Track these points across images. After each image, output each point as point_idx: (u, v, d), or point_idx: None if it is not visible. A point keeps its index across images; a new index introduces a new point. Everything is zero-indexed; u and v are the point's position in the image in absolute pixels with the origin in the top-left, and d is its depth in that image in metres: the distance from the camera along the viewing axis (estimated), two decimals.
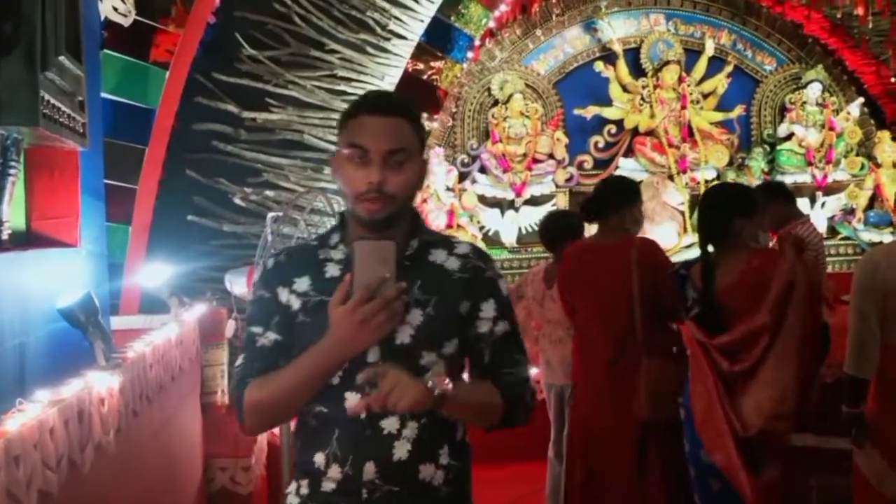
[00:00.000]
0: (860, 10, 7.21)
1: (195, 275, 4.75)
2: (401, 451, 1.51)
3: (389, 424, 1.50)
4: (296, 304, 1.57)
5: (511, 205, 7.48)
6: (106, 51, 4.10)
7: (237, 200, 5.17)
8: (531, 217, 7.44)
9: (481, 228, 7.39)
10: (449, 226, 7.06)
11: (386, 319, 1.43)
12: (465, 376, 1.64)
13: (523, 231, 7.47)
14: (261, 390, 1.52)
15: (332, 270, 1.57)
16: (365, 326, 1.42)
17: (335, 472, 1.52)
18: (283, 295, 1.58)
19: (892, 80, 7.72)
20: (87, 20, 3.23)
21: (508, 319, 1.64)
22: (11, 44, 2.52)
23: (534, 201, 7.48)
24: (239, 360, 1.60)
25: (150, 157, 4.58)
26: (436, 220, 7.02)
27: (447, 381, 1.45)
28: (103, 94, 3.93)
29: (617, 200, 3.46)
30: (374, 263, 1.41)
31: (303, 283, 1.58)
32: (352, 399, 1.51)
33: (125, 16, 3.83)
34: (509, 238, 7.46)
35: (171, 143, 4.74)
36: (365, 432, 1.50)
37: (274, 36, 5.35)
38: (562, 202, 7.50)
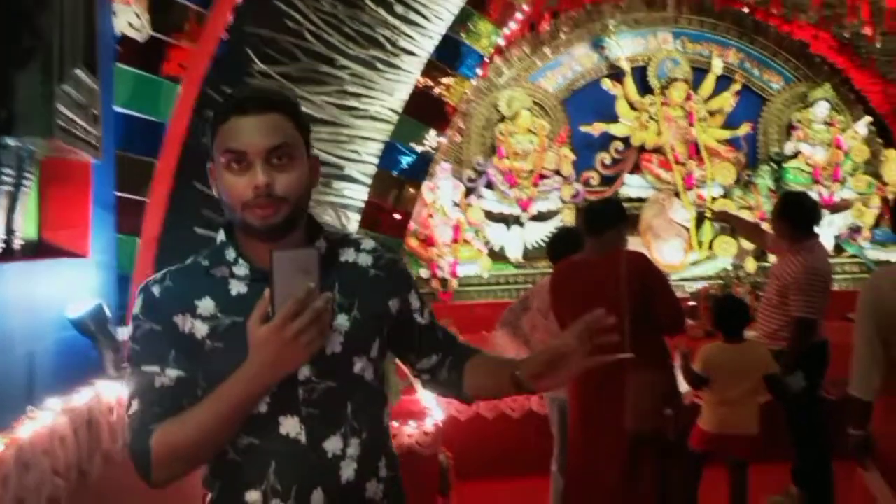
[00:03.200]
0: (868, 30, 7.23)
1: None
2: (347, 471, 1.40)
3: (333, 445, 1.40)
4: (202, 329, 1.39)
5: (517, 220, 7.51)
6: (119, 65, 4.15)
7: None
8: (537, 233, 7.47)
9: (487, 244, 7.42)
10: (455, 240, 7.10)
11: (318, 333, 1.30)
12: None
13: (529, 247, 7.50)
14: (173, 435, 1.34)
15: (238, 288, 1.42)
16: (296, 344, 1.28)
17: None
18: (184, 323, 1.39)
19: None
20: (102, 34, 3.29)
21: (428, 305, 1.63)
22: (29, 56, 2.57)
23: (540, 217, 7.51)
24: (133, 408, 1.38)
25: (160, 170, 4.61)
26: (441, 235, 7.06)
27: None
28: (116, 108, 3.97)
29: (615, 217, 3.52)
30: (297, 274, 1.28)
31: (207, 306, 1.40)
32: (287, 424, 1.39)
33: (140, 31, 3.88)
34: (515, 253, 7.49)
35: (182, 156, 4.77)
36: (309, 458, 1.39)
37: (285, 52, 5.40)
38: (568, 218, 7.53)
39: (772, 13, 7.92)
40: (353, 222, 5.46)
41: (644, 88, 7.91)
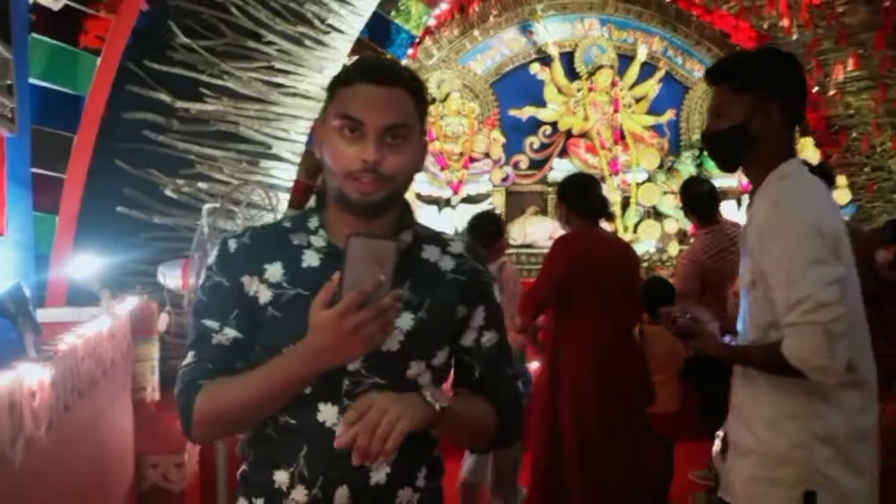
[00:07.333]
0: (785, 22, 7.47)
1: (124, 267, 4.60)
2: (378, 474, 1.33)
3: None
4: (266, 296, 1.35)
5: (448, 203, 7.51)
6: (34, 35, 3.94)
7: (168, 192, 5.03)
8: (468, 215, 7.46)
9: None
10: None
11: (378, 330, 1.21)
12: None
13: (460, 229, 7.49)
14: (219, 398, 1.31)
15: (311, 259, 1.36)
16: (353, 337, 1.20)
17: (300, 494, 1.32)
18: (250, 284, 1.35)
19: (815, 89, 8.03)
20: (15, 2, 3.11)
21: (497, 329, 1.47)
22: None
23: (470, 199, 7.54)
24: (187, 359, 1.36)
25: (78, 146, 4.41)
26: None
27: (446, 393, 1.32)
28: (31, 80, 3.77)
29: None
30: (370, 264, 1.18)
31: (275, 272, 1.35)
32: (326, 411, 1.32)
33: (55, 0, 3.69)
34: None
35: (101, 131, 4.58)
36: (341, 451, 1.28)
37: (209, 25, 5.23)
38: (498, 201, 7.57)
39: (694, 3, 8.10)
40: (282, 202, 5.35)
41: (571, 74, 7.99)
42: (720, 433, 2.86)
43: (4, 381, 1.96)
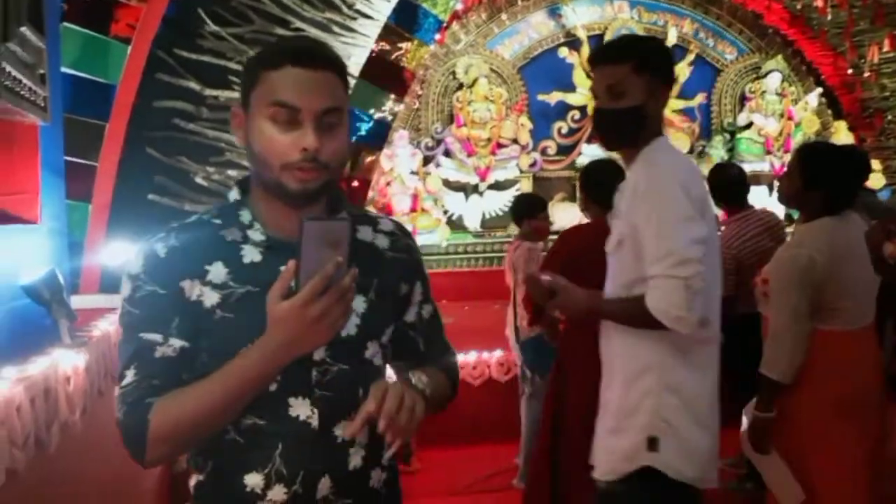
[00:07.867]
0: (819, 2, 7.33)
1: None
2: (356, 458, 1.32)
3: (343, 431, 1.30)
4: (212, 298, 1.27)
5: (475, 189, 7.49)
6: (66, 24, 3.99)
7: (199, 180, 5.08)
8: (495, 201, 7.46)
9: (445, 212, 7.39)
10: (413, 209, 7.05)
11: (341, 314, 1.19)
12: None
13: (487, 215, 7.49)
14: (175, 412, 1.22)
15: (252, 255, 1.30)
16: (319, 324, 1.17)
17: (279, 493, 1.28)
18: (192, 289, 1.27)
19: (849, 71, 7.88)
20: None
21: (431, 300, 1.50)
22: None
23: (498, 186, 7.51)
24: (127, 378, 1.25)
25: (110, 134, 4.48)
26: (400, 204, 7.01)
27: (424, 377, 1.33)
28: (63, 69, 3.82)
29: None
30: (326, 247, 1.15)
31: (218, 272, 1.28)
32: (298, 405, 1.29)
33: None
34: (473, 222, 7.48)
35: (132, 120, 4.64)
36: (319, 443, 1.29)
37: (238, 13, 5.26)
38: (525, 187, 7.54)
39: None
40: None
41: None
42: (746, 412, 2.79)
43: (40, 367, 2.01)
